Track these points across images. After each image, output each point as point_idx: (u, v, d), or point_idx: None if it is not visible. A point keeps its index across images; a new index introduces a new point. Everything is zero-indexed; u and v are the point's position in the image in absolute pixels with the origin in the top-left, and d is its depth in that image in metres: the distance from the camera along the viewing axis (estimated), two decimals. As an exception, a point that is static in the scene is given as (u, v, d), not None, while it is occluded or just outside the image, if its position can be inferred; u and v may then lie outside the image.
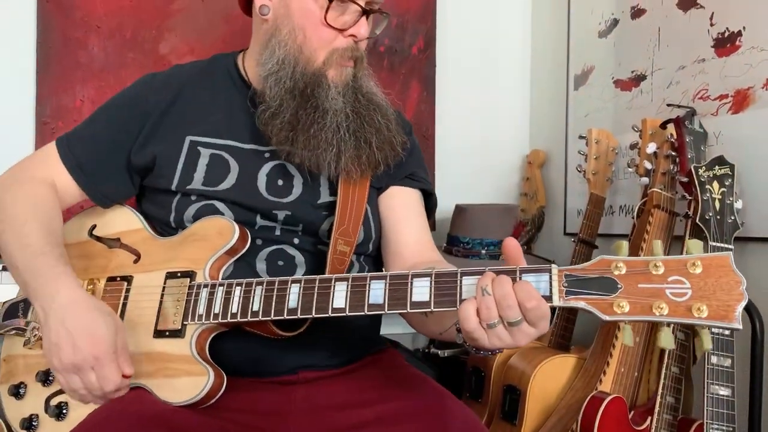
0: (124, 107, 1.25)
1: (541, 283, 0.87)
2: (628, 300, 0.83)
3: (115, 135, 1.23)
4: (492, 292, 0.86)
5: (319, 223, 1.19)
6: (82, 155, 1.23)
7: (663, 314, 0.82)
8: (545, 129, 2.44)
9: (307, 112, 1.15)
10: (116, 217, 1.24)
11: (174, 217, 1.18)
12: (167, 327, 1.09)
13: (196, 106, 1.23)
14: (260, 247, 1.17)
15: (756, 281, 1.56)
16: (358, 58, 1.20)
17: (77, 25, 2.03)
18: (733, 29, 1.64)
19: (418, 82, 2.37)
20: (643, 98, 1.95)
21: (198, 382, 1.04)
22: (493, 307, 0.86)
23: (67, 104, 2.01)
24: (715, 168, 1.51)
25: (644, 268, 0.84)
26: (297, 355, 1.15)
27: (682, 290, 0.82)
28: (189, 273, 1.11)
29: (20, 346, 1.20)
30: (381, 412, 1.08)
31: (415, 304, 0.94)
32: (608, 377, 1.59)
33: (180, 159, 1.19)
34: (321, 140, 1.14)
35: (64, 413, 1.12)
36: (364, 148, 1.16)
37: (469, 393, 1.92)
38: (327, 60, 1.17)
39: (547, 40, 2.44)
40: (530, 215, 2.32)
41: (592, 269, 0.86)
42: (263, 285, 1.04)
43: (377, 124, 1.19)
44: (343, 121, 1.16)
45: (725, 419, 1.37)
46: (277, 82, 1.17)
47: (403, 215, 1.27)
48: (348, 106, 1.17)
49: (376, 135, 1.18)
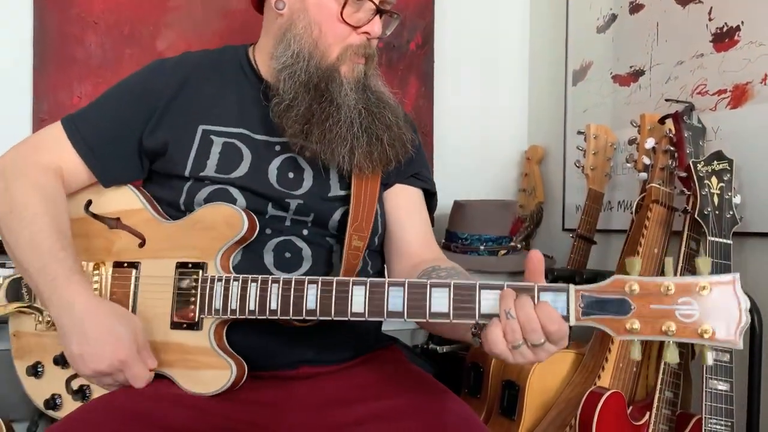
0: (134, 92, 1.24)
1: (559, 302, 0.89)
2: (640, 320, 0.87)
3: (124, 118, 1.22)
4: (516, 316, 0.88)
5: (330, 214, 1.20)
6: (92, 138, 1.20)
7: (671, 334, 0.86)
8: (544, 124, 2.43)
9: (321, 107, 1.16)
10: (113, 194, 1.21)
11: (184, 200, 1.18)
12: (184, 319, 1.10)
13: (207, 94, 1.22)
14: (269, 237, 1.17)
15: (754, 276, 1.56)
16: (369, 55, 1.22)
17: (74, 21, 2.02)
18: (732, 24, 1.64)
19: (416, 78, 2.37)
20: (642, 93, 1.95)
21: (221, 375, 1.07)
22: (518, 330, 0.88)
23: (64, 100, 2.01)
24: (714, 163, 1.51)
25: (657, 289, 0.87)
26: (298, 350, 1.15)
27: (691, 311, 0.86)
28: (200, 264, 1.10)
29: (29, 324, 1.20)
30: (380, 408, 1.08)
31: (434, 314, 0.94)
32: (607, 372, 1.59)
33: (193, 147, 1.19)
34: (335, 134, 1.15)
35: (87, 395, 1.14)
36: (375, 145, 1.18)
37: (468, 389, 1.92)
38: (341, 56, 1.19)
39: (545, 35, 2.44)
40: (529, 211, 2.32)
41: (607, 290, 0.89)
42: (279, 283, 1.03)
43: (388, 121, 1.20)
44: (356, 117, 1.17)
45: (724, 414, 1.37)
46: (292, 75, 1.18)
47: (408, 214, 1.29)
48: (360, 103, 1.18)
49: (387, 132, 1.19)
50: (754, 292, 1.49)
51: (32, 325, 1.19)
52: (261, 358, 1.14)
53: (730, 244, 1.46)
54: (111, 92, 1.28)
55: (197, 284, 1.09)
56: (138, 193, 1.21)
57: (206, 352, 1.08)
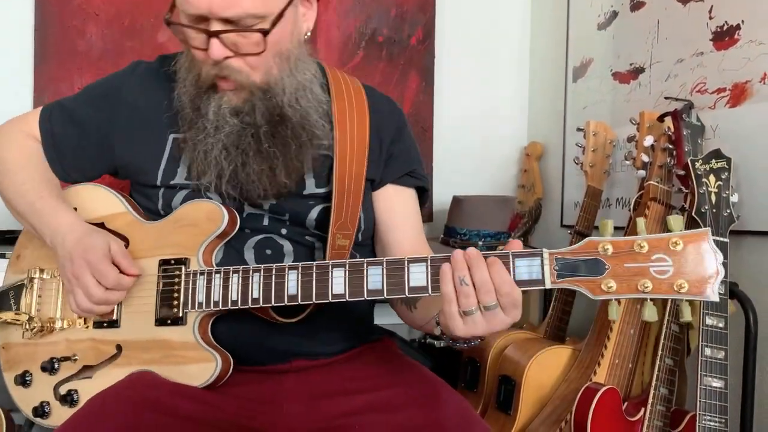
0: (103, 94, 1.26)
1: (534, 267, 0.92)
2: (615, 279, 0.89)
3: (93, 118, 1.24)
4: (470, 281, 0.90)
5: (306, 213, 1.19)
6: (59, 128, 1.26)
7: (647, 291, 0.87)
8: (543, 121, 2.44)
9: (196, 126, 1.17)
10: (97, 199, 1.23)
11: (162, 205, 1.19)
12: (168, 315, 1.10)
13: (178, 102, 1.19)
14: (248, 236, 1.17)
15: (751, 274, 1.57)
16: (226, 76, 1.11)
17: (75, 12, 2.02)
18: (732, 23, 1.65)
19: (416, 73, 2.37)
20: (642, 91, 1.95)
21: (207, 368, 1.08)
22: (472, 294, 0.90)
23: (65, 92, 2.01)
24: (712, 161, 1.52)
25: (630, 248, 0.89)
26: (290, 343, 1.16)
27: (665, 267, 0.87)
28: (183, 260, 1.12)
29: (18, 335, 1.20)
30: (374, 400, 1.08)
31: (413, 289, 0.97)
32: (603, 368, 1.60)
33: (163, 156, 1.19)
34: (207, 156, 1.16)
35: (75, 400, 1.13)
36: (240, 170, 1.15)
37: (465, 383, 1.93)
38: (205, 78, 1.14)
39: (546, 31, 2.44)
40: (527, 207, 2.32)
41: (580, 251, 0.91)
42: (260, 272, 1.05)
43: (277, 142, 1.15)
44: (223, 140, 1.15)
45: (718, 411, 1.38)
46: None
47: (402, 219, 1.28)
48: (229, 126, 1.14)
49: (262, 157, 1.14)
50: (749, 290, 1.50)
51: (20, 335, 1.19)
52: (253, 353, 1.14)
53: (727, 242, 1.46)
54: (89, 88, 1.31)
55: (180, 280, 1.10)
56: (121, 197, 1.22)
57: (191, 346, 1.09)
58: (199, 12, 1.04)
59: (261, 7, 1.05)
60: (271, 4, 1.06)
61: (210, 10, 1.03)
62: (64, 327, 1.17)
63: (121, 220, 1.19)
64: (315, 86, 1.19)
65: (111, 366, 1.13)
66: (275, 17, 1.07)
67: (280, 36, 1.10)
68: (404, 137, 1.29)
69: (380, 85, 2.30)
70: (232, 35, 1.06)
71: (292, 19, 1.12)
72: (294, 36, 1.15)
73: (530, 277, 0.92)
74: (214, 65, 1.09)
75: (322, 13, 2.26)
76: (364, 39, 2.32)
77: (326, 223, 1.18)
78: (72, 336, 1.17)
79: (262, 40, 1.06)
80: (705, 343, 1.40)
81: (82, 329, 1.16)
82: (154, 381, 1.07)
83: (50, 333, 1.18)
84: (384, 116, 1.27)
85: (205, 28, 1.06)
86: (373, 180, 1.25)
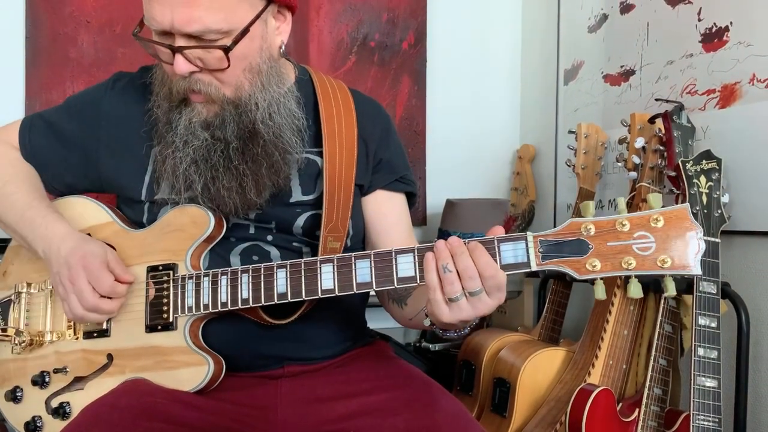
0: (84, 108, 1.26)
1: (519, 250, 0.94)
2: (599, 258, 0.91)
3: (74, 131, 1.24)
4: (453, 268, 0.92)
5: (292, 220, 1.19)
6: (39, 139, 1.26)
7: (631, 268, 0.90)
8: (535, 124, 2.45)
9: (166, 139, 1.18)
10: (83, 211, 1.23)
11: (147, 219, 1.19)
12: (158, 321, 1.10)
13: (155, 116, 1.19)
14: (234, 244, 1.17)
15: (742, 274, 1.58)
16: (198, 90, 1.10)
17: (66, 20, 2.02)
18: (721, 24, 1.66)
19: (408, 77, 2.38)
20: (632, 93, 1.96)
21: (199, 371, 1.08)
22: (456, 281, 0.92)
23: (56, 99, 2.00)
24: (703, 162, 1.53)
25: (611, 227, 0.91)
26: (283, 348, 1.16)
27: (647, 244, 0.89)
28: (171, 265, 1.12)
29: (7, 351, 1.20)
30: (369, 403, 1.09)
31: (402, 279, 0.98)
32: (597, 370, 1.61)
33: (147, 171, 1.19)
34: (177, 167, 1.16)
35: (67, 412, 1.13)
36: (212, 186, 1.14)
37: (460, 386, 1.94)
38: (176, 93, 1.14)
39: (537, 35, 2.45)
40: (520, 210, 2.33)
41: (564, 233, 0.93)
42: (249, 272, 1.05)
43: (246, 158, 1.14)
44: (191, 153, 1.14)
45: (711, 410, 1.39)
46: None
47: (393, 224, 1.28)
48: (198, 139, 1.14)
49: (231, 173, 1.14)
50: (740, 289, 1.51)
51: (9, 350, 1.19)
52: (246, 358, 1.14)
53: (719, 242, 1.47)
54: (68, 104, 1.30)
55: (169, 285, 1.10)
56: (106, 208, 1.22)
57: (183, 350, 1.09)
58: (162, 27, 1.04)
59: (223, 23, 1.04)
60: (233, 20, 1.05)
61: (172, 25, 1.03)
62: (54, 340, 1.17)
63: (107, 230, 1.20)
64: (290, 101, 1.18)
65: (103, 376, 1.13)
66: (238, 34, 1.06)
67: (247, 51, 1.09)
68: (392, 142, 1.30)
69: (372, 89, 2.30)
70: (197, 50, 1.06)
71: (260, 34, 1.11)
72: (264, 51, 1.13)
73: (516, 260, 0.94)
74: (184, 79, 1.08)
75: (314, 19, 2.26)
76: (355, 44, 2.32)
77: (314, 230, 1.18)
78: (62, 348, 1.16)
79: (224, 57, 1.06)
80: (698, 343, 1.41)
81: (72, 341, 1.16)
82: (148, 388, 1.07)
83: (40, 347, 1.18)
84: (370, 120, 1.27)
85: (169, 44, 1.06)
86: (361, 185, 1.25)
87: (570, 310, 1.92)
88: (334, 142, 1.20)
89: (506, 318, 2.23)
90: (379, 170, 1.26)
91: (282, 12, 1.15)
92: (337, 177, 1.19)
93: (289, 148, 1.15)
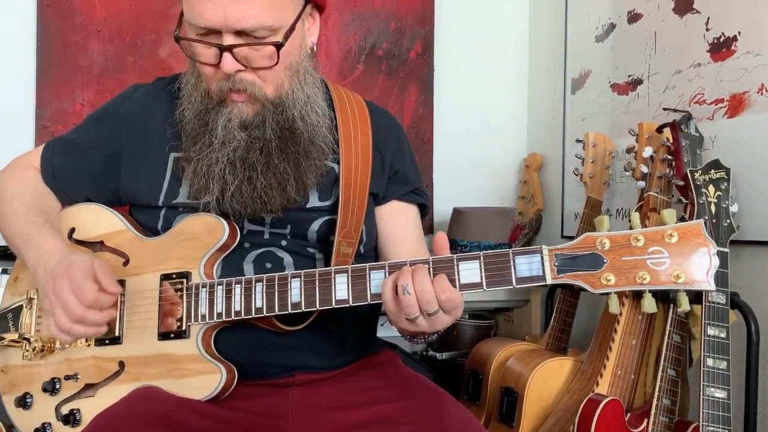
0: (103, 118, 1.28)
1: (534, 263, 0.94)
2: (613, 273, 0.91)
3: (95, 139, 1.26)
4: (412, 291, 0.94)
5: (307, 225, 1.20)
6: (60, 159, 1.28)
7: (646, 283, 0.90)
8: (543, 133, 2.45)
9: (203, 141, 1.18)
10: (96, 219, 1.23)
11: (162, 225, 1.19)
12: (171, 329, 1.11)
13: (180, 120, 1.19)
14: (248, 250, 1.18)
15: (751, 284, 1.57)
16: (241, 89, 1.11)
17: (77, 29, 2.04)
18: (729, 34, 1.66)
19: (416, 86, 2.38)
20: (640, 102, 1.96)
21: (211, 380, 1.08)
22: (414, 304, 0.94)
23: (66, 108, 2.02)
24: (711, 172, 1.52)
25: (626, 241, 0.91)
26: (293, 357, 1.16)
27: (661, 259, 0.90)
28: (184, 273, 1.12)
29: (17, 357, 1.20)
30: (378, 412, 1.08)
31: None
32: (605, 380, 1.60)
33: (165, 177, 1.19)
34: (212, 170, 1.16)
35: (77, 419, 1.13)
36: (247, 187, 1.15)
37: (467, 395, 1.93)
38: (215, 94, 1.15)
39: (544, 44, 2.45)
40: (528, 218, 2.33)
41: (579, 247, 0.94)
42: (263, 281, 1.06)
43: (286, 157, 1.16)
44: (231, 156, 1.15)
45: (721, 421, 1.38)
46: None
47: (405, 234, 1.30)
48: (237, 141, 1.15)
49: (271, 171, 1.15)
50: (750, 300, 1.50)
51: (20, 356, 1.19)
52: (257, 367, 1.14)
53: (728, 252, 1.47)
54: (89, 118, 1.33)
55: (182, 293, 1.10)
56: (120, 216, 1.22)
57: (195, 359, 1.09)
58: (211, 25, 1.04)
59: (274, 20, 1.06)
60: (283, 17, 1.07)
61: (224, 22, 1.03)
62: (65, 346, 1.17)
63: (120, 238, 1.20)
64: (321, 100, 1.20)
65: (114, 383, 1.13)
66: (287, 30, 1.08)
67: (290, 49, 1.11)
68: (406, 153, 1.32)
69: (380, 98, 2.31)
70: (244, 49, 1.07)
71: (300, 33, 1.14)
72: (302, 49, 1.16)
73: (531, 273, 0.94)
74: (226, 79, 1.09)
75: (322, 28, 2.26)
76: (363, 53, 2.33)
77: (328, 235, 1.19)
78: (73, 355, 1.17)
79: (276, 54, 1.07)
80: (707, 354, 1.40)
81: (84, 347, 1.16)
82: (160, 396, 1.07)
83: (51, 353, 1.18)
84: (384, 131, 1.29)
85: (217, 43, 1.06)
86: (376, 194, 1.26)
87: (578, 320, 1.92)
88: (351, 150, 1.21)
89: (514, 327, 2.23)
90: (395, 181, 1.28)
91: (313, 13, 1.18)
92: (352, 184, 1.20)
93: (325, 147, 1.17)
